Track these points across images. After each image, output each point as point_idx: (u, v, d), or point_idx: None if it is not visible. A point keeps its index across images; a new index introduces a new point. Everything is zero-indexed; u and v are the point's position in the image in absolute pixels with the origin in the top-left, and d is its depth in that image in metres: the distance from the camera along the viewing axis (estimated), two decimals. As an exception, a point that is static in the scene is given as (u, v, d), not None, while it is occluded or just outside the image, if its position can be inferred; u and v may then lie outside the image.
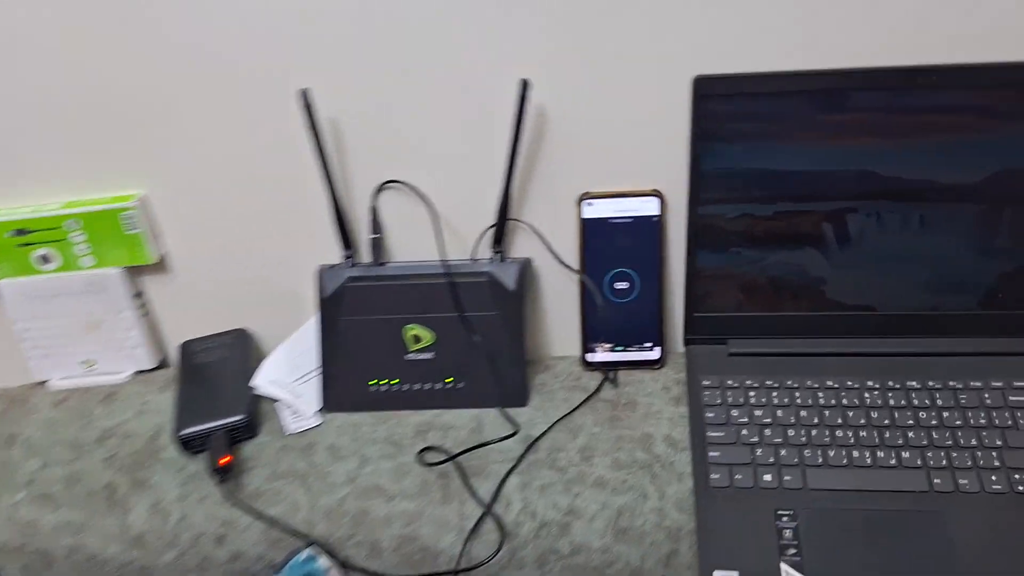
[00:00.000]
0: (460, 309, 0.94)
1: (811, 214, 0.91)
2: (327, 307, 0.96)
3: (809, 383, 0.91)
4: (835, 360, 0.93)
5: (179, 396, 0.96)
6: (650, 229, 0.94)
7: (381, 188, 0.95)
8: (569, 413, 0.94)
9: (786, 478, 0.84)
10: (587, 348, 0.99)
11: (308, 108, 0.88)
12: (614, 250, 0.95)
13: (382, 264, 0.98)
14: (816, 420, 0.88)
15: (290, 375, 0.98)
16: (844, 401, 0.89)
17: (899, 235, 0.91)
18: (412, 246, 0.99)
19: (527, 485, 0.88)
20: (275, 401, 0.98)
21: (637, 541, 0.85)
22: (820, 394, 0.90)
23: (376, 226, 0.96)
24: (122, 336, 1.03)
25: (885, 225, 0.90)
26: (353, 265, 0.97)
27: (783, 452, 0.86)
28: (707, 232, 0.92)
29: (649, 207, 0.93)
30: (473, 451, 0.91)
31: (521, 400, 0.96)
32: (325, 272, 0.96)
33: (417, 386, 0.96)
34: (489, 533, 0.86)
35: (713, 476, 0.85)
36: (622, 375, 0.99)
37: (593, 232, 0.95)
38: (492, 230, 0.95)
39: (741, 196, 0.91)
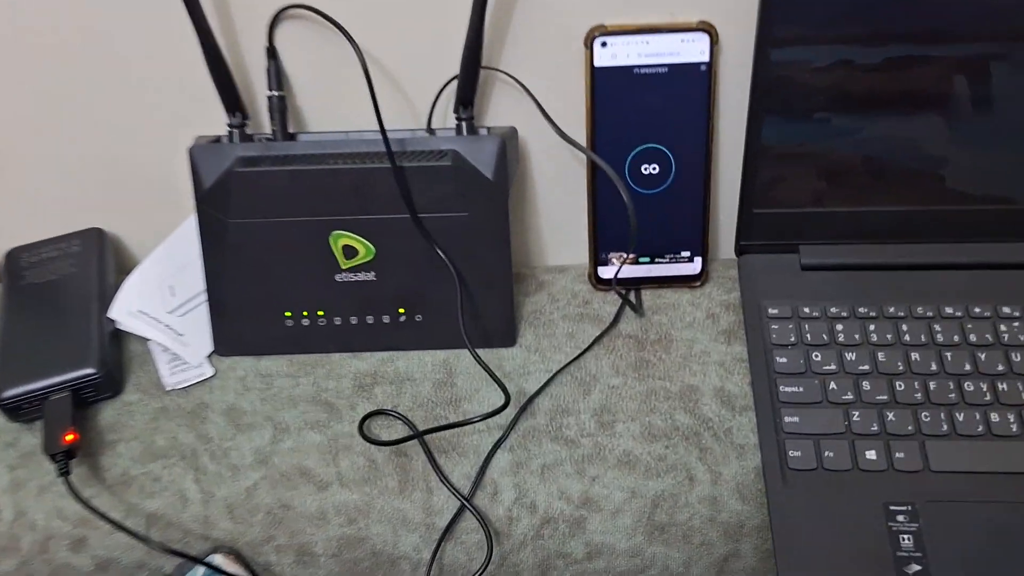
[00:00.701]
0: (411, 207, 0.63)
1: (939, 62, 0.61)
2: (208, 204, 0.64)
3: (921, 310, 0.64)
4: (956, 276, 0.66)
5: None
6: (694, 83, 0.63)
7: (279, 16, 0.62)
8: (578, 357, 0.66)
9: (898, 455, 0.58)
10: (599, 259, 0.69)
11: None
12: (640, 116, 0.64)
13: (291, 138, 0.66)
14: (935, 367, 0.61)
15: (166, 302, 0.67)
16: (973, 337, 0.62)
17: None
18: (335, 111, 0.67)
19: (521, 465, 0.61)
20: (145, 341, 0.67)
21: (681, 541, 0.60)
22: (938, 327, 0.63)
23: (277, 78, 0.64)
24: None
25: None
26: (245, 139, 0.65)
27: (891, 415, 0.59)
28: (781, 88, 0.62)
29: (694, 50, 0.62)
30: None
31: (507, 338, 0.67)
32: (201, 151, 0.64)
33: (354, 319, 0.66)
34: (470, 533, 0.60)
35: (791, 452, 0.59)
36: (649, 296, 0.70)
37: (609, 88, 0.63)
38: (457, 85, 0.63)
39: (837, 33, 0.60)
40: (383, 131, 0.63)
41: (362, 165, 0.63)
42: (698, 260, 0.69)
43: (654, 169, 0.66)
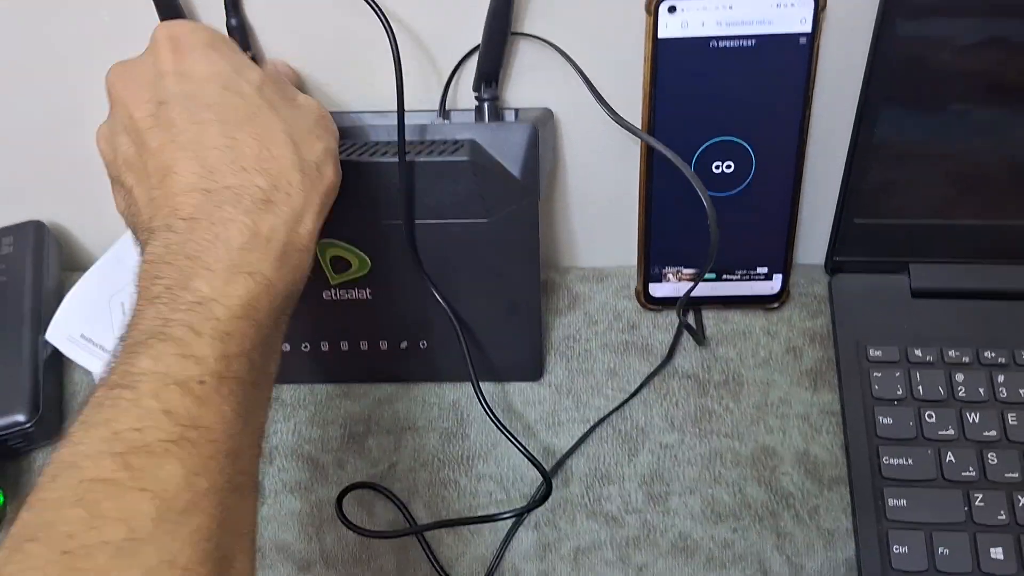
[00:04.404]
0: (417, 211, 0.49)
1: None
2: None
3: (1070, 359, 0.50)
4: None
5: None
6: (791, 61, 0.48)
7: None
8: (622, 404, 0.52)
9: (1035, 556, 0.45)
10: (650, 273, 0.55)
11: None
12: (715, 101, 0.49)
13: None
14: (1089, 437, 0.48)
15: (115, 323, 0.54)
16: None
17: None
18: (324, 84, 0.52)
19: (550, 548, 0.48)
20: (88, 373, 0.55)
21: (749, 653, 0.47)
22: (1091, 382, 0.49)
23: (241, 40, 0.50)
24: None
25: None
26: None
27: (1023, 500, 0.46)
28: (908, 70, 0.47)
29: (793, 17, 0.47)
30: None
31: (532, 371, 0.54)
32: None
33: (345, 346, 0.53)
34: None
35: (896, 548, 0.46)
36: (712, 320, 0.56)
37: (677, 65, 0.49)
38: (478, 56, 0.49)
39: (991, 1, 0.45)
40: (383, 113, 0.49)
41: (358, 158, 0.49)
42: (778, 278, 0.55)
43: (728, 167, 0.51)
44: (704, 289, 0.55)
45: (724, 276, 0.55)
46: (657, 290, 0.56)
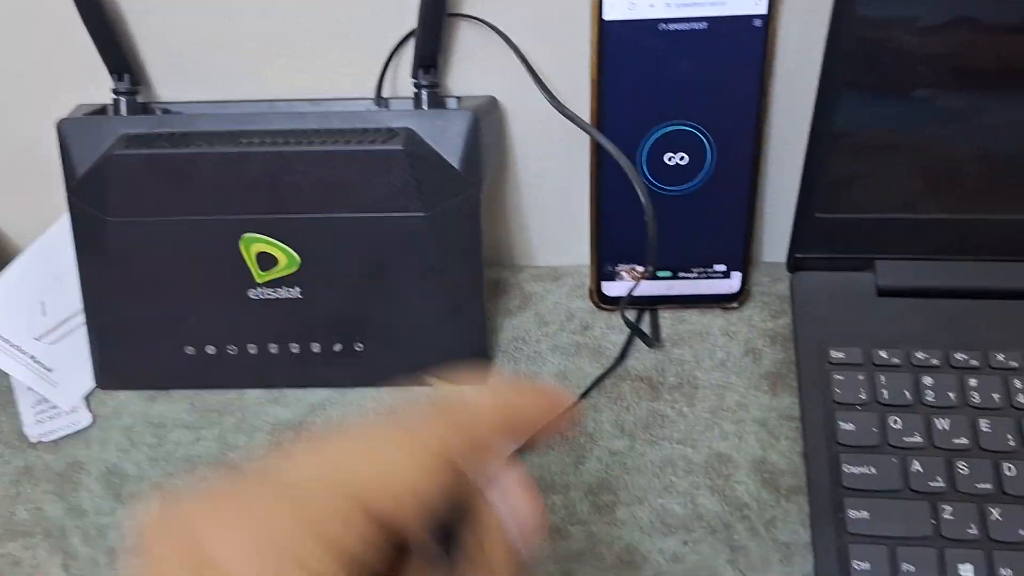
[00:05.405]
0: (350, 204, 0.46)
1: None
2: (81, 198, 0.48)
3: (1044, 361, 0.47)
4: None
5: None
6: (745, 44, 0.45)
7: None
8: (570, 407, 0.49)
9: (1004, 572, 0.42)
10: (603, 271, 0.52)
11: None
12: (666, 87, 0.47)
13: (190, 110, 0.49)
14: (1063, 444, 0.45)
15: (34, 324, 0.51)
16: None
17: None
18: (252, 70, 0.49)
19: (488, 564, 0.45)
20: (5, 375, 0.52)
21: (699, 675, 0.44)
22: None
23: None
24: None
25: None
26: (132, 111, 0.48)
27: (996, 513, 0.43)
28: (870, 53, 0.44)
29: (745, -3, 0.44)
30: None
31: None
32: (72, 126, 0.47)
33: (274, 348, 0.50)
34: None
35: (857, 564, 0.43)
36: (669, 321, 0.53)
37: (624, 49, 0.46)
38: (415, 40, 0.46)
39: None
40: (315, 101, 0.46)
41: (283, 147, 0.46)
42: (737, 276, 0.52)
43: (682, 159, 0.48)
44: (660, 288, 0.52)
45: (680, 274, 0.52)
46: (611, 289, 0.53)
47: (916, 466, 0.45)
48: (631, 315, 0.52)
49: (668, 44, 0.45)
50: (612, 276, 0.52)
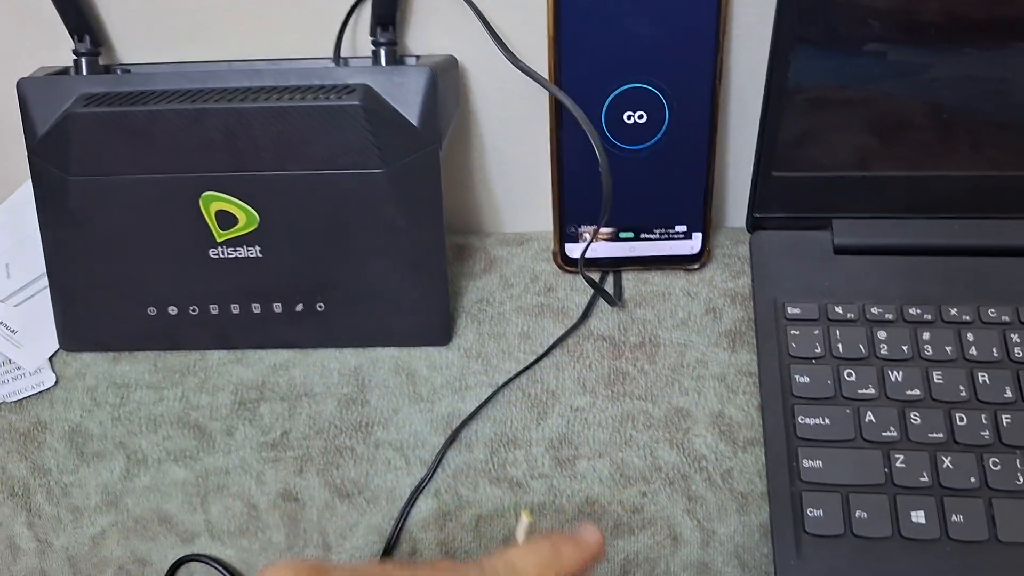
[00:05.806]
0: (308, 161, 0.47)
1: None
2: (43, 157, 0.48)
3: (994, 313, 0.48)
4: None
5: None
6: (700, 2, 0.46)
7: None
8: (531, 365, 0.50)
9: (955, 518, 0.43)
10: (566, 232, 0.53)
11: None
12: (623, 45, 0.47)
13: (149, 70, 0.49)
14: (1010, 394, 0.46)
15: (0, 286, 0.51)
16: (1064, 354, 0.46)
17: None
18: (213, 32, 0.50)
19: (450, 516, 0.46)
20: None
21: (658, 622, 0.45)
22: (1016, 336, 0.47)
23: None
24: None
25: None
26: (92, 71, 0.49)
27: (948, 462, 0.44)
28: (820, 8, 0.45)
29: (699, -46, 0.45)
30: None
31: (438, 335, 0.51)
32: (33, 86, 0.48)
33: (236, 308, 0.50)
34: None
35: (811, 511, 0.43)
36: (632, 282, 0.53)
37: (580, 5, 0.46)
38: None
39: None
40: (273, 60, 0.46)
41: (240, 104, 0.46)
42: (697, 237, 0.52)
43: (640, 117, 0.49)
44: (622, 249, 0.53)
45: (642, 235, 0.52)
46: (574, 251, 0.53)
47: (869, 417, 0.45)
48: (595, 276, 0.53)
49: (625, 1, 0.46)
50: (575, 238, 0.53)
